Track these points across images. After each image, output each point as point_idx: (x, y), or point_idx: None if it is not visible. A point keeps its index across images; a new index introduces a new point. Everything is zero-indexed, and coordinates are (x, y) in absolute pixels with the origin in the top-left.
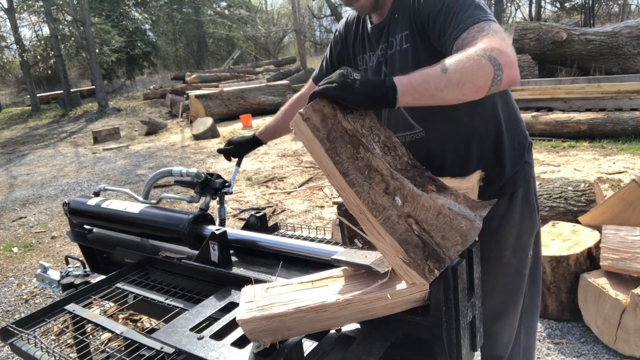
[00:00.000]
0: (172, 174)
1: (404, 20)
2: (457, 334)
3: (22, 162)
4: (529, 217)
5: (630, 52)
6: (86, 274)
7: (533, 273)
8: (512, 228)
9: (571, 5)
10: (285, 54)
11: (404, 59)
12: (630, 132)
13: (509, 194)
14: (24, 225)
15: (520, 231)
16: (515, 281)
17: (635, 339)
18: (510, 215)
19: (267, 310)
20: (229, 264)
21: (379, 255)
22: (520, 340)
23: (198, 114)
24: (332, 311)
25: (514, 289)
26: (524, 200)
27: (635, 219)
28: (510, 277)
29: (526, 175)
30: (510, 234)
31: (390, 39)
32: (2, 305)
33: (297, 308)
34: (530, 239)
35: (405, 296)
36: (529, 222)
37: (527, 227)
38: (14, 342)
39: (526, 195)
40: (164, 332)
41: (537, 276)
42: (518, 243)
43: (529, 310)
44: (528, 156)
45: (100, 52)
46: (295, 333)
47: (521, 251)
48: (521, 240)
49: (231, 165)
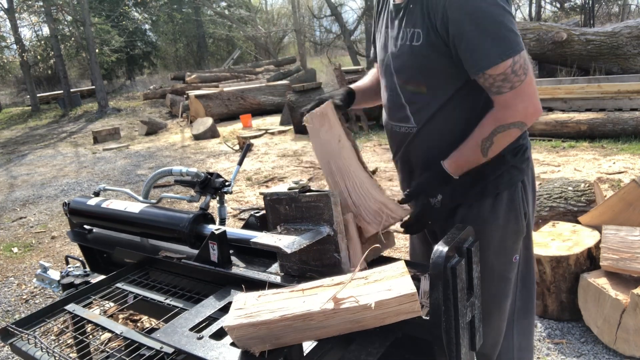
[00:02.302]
0: (172, 174)
1: (417, 13)
2: (456, 334)
3: (22, 162)
4: (514, 221)
5: (630, 52)
6: (86, 274)
7: (524, 277)
8: (495, 231)
9: (571, 5)
10: (285, 54)
11: (414, 56)
12: (630, 132)
13: (492, 196)
14: (24, 225)
15: (504, 235)
16: (498, 285)
17: (635, 339)
18: (494, 218)
19: (254, 317)
20: (229, 263)
21: (290, 239)
22: (513, 341)
23: (198, 114)
24: (319, 320)
25: (497, 292)
26: (509, 204)
27: (635, 219)
28: (493, 280)
29: (512, 180)
30: (492, 237)
31: (404, 30)
32: (2, 305)
33: (283, 316)
34: (516, 243)
35: (393, 307)
36: (513, 226)
37: (512, 232)
38: (14, 342)
39: (511, 200)
40: (163, 332)
41: (528, 280)
42: (502, 247)
43: (522, 313)
44: (516, 160)
45: (100, 52)
46: (285, 342)
47: (505, 255)
48: (505, 244)
49: (231, 165)
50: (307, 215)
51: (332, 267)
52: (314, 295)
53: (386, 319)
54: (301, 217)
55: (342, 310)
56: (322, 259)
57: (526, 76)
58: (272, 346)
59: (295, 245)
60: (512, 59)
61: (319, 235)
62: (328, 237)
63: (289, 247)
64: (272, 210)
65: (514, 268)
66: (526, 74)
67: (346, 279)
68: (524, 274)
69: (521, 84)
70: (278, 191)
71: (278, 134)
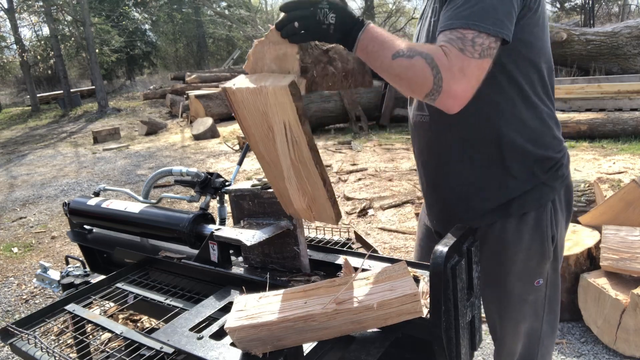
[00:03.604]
0: (172, 174)
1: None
2: (456, 334)
3: (22, 162)
4: (539, 243)
5: (630, 52)
6: (86, 274)
7: (551, 301)
8: (519, 253)
9: (571, 5)
10: None
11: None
12: (630, 132)
13: (517, 216)
14: (24, 225)
15: (528, 257)
16: (517, 307)
17: (635, 339)
18: (518, 239)
19: (255, 319)
20: (229, 263)
21: (251, 232)
22: None
23: (198, 114)
24: (321, 321)
25: (515, 315)
26: (536, 226)
27: (635, 219)
28: (510, 303)
29: (542, 199)
30: (515, 260)
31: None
32: (2, 305)
33: (284, 317)
34: (540, 267)
35: (395, 307)
36: (538, 248)
37: (535, 254)
38: (14, 343)
39: (538, 221)
40: (163, 332)
41: (555, 303)
42: (524, 270)
43: (547, 336)
44: (547, 177)
45: (100, 52)
46: (286, 343)
47: (527, 278)
48: (528, 266)
49: (231, 165)
50: (268, 211)
51: (292, 260)
52: (316, 297)
53: (388, 319)
54: (263, 212)
55: (344, 310)
56: (282, 251)
57: (481, 60)
58: (273, 348)
59: (255, 238)
60: (478, 32)
61: (278, 229)
62: (288, 231)
63: (248, 240)
64: (237, 206)
65: (535, 291)
66: (482, 58)
67: (348, 280)
68: (551, 298)
69: (470, 58)
70: (242, 188)
71: None
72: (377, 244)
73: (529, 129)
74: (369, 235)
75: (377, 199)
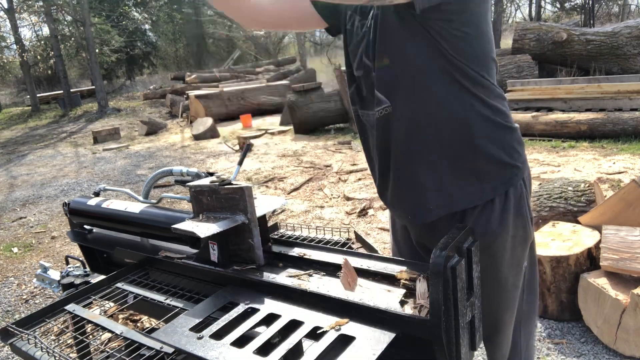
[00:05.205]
0: (172, 174)
1: None
2: (456, 334)
3: (22, 162)
4: (522, 229)
5: (630, 52)
6: (86, 274)
7: (530, 280)
8: (506, 242)
9: (571, 5)
10: (285, 54)
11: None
12: (630, 132)
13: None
14: (24, 225)
15: (514, 244)
16: (512, 295)
17: (635, 339)
18: (503, 229)
19: None
20: (229, 263)
21: (206, 226)
22: (521, 345)
23: (198, 114)
24: None
25: (511, 303)
26: (517, 213)
27: (635, 219)
28: (507, 292)
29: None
30: (505, 249)
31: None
32: (2, 305)
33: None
34: (525, 250)
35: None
36: (522, 234)
37: (521, 240)
38: (14, 343)
39: (518, 207)
40: (163, 331)
41: (533, 283)
42: (512, 257)
43: (528, 316)
44: (512, 159)
45: (100, 52)
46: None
47: (516, 264)
48: (515, 253)
49: (231, 165)
50: (225, 206)
51: (247, 251)
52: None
53: None
54: (221, 207)
55: None
56: (239, 243)
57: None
58: None
59: (209, 231)
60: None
61: (233, 223)
62: (243, 225)
63: (202, 233)
64: (196, 201)
65: (522, 275)
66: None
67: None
68: (529, 278)
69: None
70: (201, 184)
71: (278, 134)
72: (377, 244)
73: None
74: (369, 235)
75: (377, 199)
